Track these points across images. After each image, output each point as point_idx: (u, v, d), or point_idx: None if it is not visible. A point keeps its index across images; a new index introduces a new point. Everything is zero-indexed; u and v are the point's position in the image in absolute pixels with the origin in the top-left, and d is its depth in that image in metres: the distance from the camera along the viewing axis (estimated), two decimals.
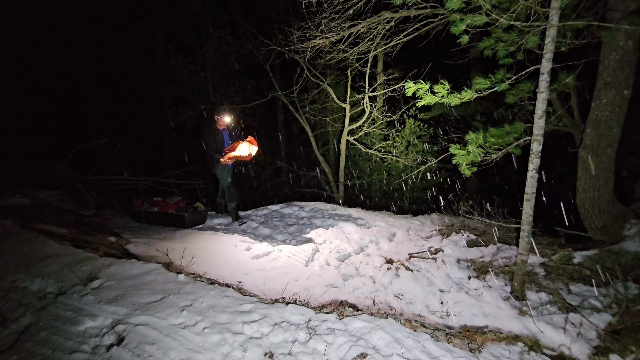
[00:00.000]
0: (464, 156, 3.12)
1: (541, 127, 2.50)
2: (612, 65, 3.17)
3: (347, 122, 6.79)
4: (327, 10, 3.95)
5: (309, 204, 5.76)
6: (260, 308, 2.23)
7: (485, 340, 2.17)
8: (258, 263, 3.56)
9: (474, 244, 3.70)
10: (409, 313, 2.74)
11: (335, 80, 7.69)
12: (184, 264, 3.21)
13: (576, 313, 2.50)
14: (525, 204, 2.61)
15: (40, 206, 4.29)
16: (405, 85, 2.97)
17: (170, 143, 10.56)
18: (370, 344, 1.93)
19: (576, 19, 2.65)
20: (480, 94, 2.86)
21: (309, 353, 1.87)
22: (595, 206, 3.48)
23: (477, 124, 6.87)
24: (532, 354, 2.06)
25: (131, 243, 3.81)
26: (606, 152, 3.35)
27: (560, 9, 2.36)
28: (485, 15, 2.68)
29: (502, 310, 2.64)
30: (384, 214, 5.24)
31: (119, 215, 5.46)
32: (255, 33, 7.21)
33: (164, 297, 2.32)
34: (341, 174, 7.19)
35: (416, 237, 4.25)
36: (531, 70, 2.60)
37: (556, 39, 2.40)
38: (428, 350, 1.92)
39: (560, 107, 3.73)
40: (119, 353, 1.85)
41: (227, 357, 1.85)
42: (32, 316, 2.13)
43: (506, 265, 3.17)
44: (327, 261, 3.65)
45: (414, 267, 3.32)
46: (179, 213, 4.75)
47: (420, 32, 4.00)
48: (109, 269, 2.71)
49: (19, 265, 2.69)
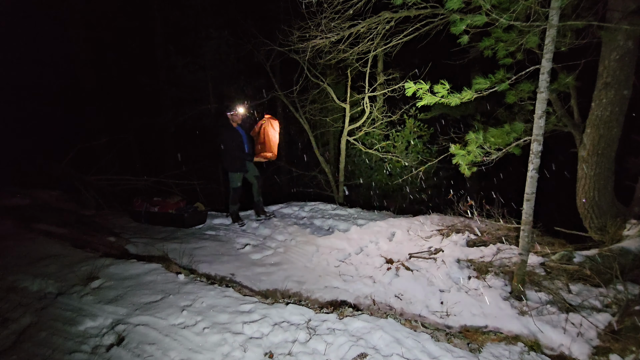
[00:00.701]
0: (464, 156, 3.13)
1: (541, 127, 2.50)
2: (612, 65, 3.17)
3: (347, 122, 6.78)
4: (327, 10, 3.95)
5: (309, 204, 5.76)
6: (260, 308, 2.23)
7: (485, 340, 2.17)
8: (258, 263, 3.56)
9: (474, 244, 3.70)
10: (409, 313, 2.74)
11: (335, 80, 7.68)
12: (183, 264, 3.21)
13: (576, 313, 2.50)
14: (525, 204, 2.61)
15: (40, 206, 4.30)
16: (405, 85, 2.97)
17: (170, 143, 10.56)
18: (370, 344, 1.93)
19: (576, 19, 2.65)
20: (480, 94, 2.86)
21: (309, 353, 1.87)
22: (595, 206, 3.48)
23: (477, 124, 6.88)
24: (532, 354, 2.06)
25: (131, 243, 3.81)
26: (606, 152, 3.34)
27: (560, 9, 2.36)
28: (485, 15, 2.68)
29: (502, 310, 2.64)
30: (384, 214, 5.24)
31: (119, 215, 5.46)
32: (255, 33, 7.21)
33: (164, 297, 2.32)
34: (341, 174, 7.19)
35: (416, 237, 4.25)
36: (531, 70, 2.60)
37: (556, 39, 2.40)
38: (428, 350, 1.92)
39: (560, 107, 3.73)
40: (119, 353, 1.85)
41: (227, 357, 1.85)
42: (32, 316, 2.13)
43: (506, 265, 3.17)
44: (327, 261, 3.65)
45: (414, 267, 3.32)
46: (179, 213, 4.75)
47: (420, 32, 4.00)
48: (109, 269, 2.71)
49: (19, 265, 2.69)
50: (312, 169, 8.52)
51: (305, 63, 6.36)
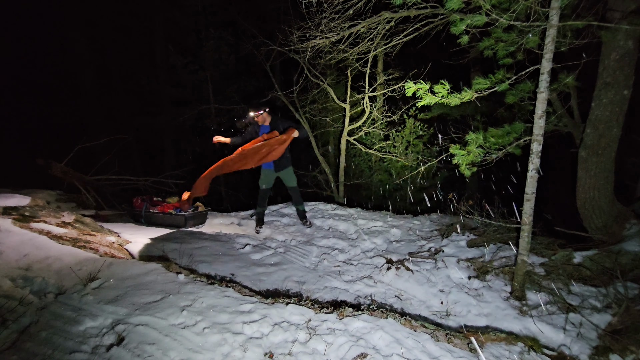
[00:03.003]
0: (464, 156, 3.12)
1: (541, 127, 2.50)
2: (612, 65, 3.17)
3: (347, 122, 6.78)
4: (327, 10, 3.95)
5: (309, 204, 5.75)
6: (260, 308, 2.23)
7: (485, 340, 2.17)
8: (258, 263, 3.56)
9: (474, 244, 3.70)
10: (409, 313, 2.74)
11: (335, 80, 7.68)
12: (183, 264, 3.21)
13: (576, 313, 2.50)
14: (525, 204, 2.61)
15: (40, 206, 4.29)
16: (405, 85, 2.97)
17: (170, 143, 10.56)
18: (370, 344, 1.93)
19: (576, 19, 2.65)
20: (480, 94, 2.86)
21: (309, 353, 1.87)
22: (595, 206, 3.48)
23: (477, 124, 6.88)
24: (532, 354, 2.06)
25: (131, 243, 3.81)
26: (606, 152, 3.34)
27: (560, 9, 2.36)
28: (485, 15, 2.68)
29: (502, 310, 2.65)
30: (384, 214, 5.24)
31: (118, 215, 5.46)
32: (255, 33, 7.21)
33: (164, 297, 2.32)
34: (341, 174, 7.19)
35: (416, 237, 4.25)
36: (531, 70, 2.60)
37: (556, 39, 2.40)
38: (428, 350, 1.92)
39: (560, 107, 3.72)
40: (119, 353, 1.85)
41: (227, 357, 1.85)
42: (32, 316, 2.13)
43: (506, 265, 3.17)
44: (327, 261, 3.66)
45: (414, 267, 3.32)
46: (179, 213, 4.75)
47: (420, 32, 4.00)
48: (109, 269, 2.71)
49: (19, 265, 2.69)
50: (312, 169, 8.51)
51: (305, 63, 6.36)
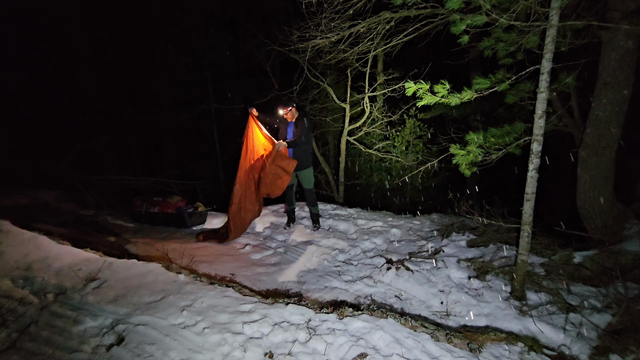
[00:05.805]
0: (464, 156, 3.12)
1: (541, 127, 2.50)
2: (612, 65, 3.17)
3: (347, 122, 6.78)
4: (327, 10, 3.94)
5: None
6: (260, 308, 2.23)
7: (485, 340, 2.17)
8: (258, 263, 3.56)
9: (474, 244, 3.70)
10: (409, 313, 2.74)
11: (335, 80, 7.68)
12: (184, 264, 3.21)
13: (576, 313, 2.50)
14: (525, 204, 2.61)
15: (40, 206, 4.30)
16: (406, 85, 2.97)
17: (170, 143, 10.56)
18: (370, 344, 1.93)
19: (576, 19, 2.65)
20: (480, 94, 2.85)
21: (309, 353, 1.87)
22: (595, 206, 3.48)
23: (477, 124, 6.87)
24: (532, 354, 2.06)
25: (131, 243, 3.82)
26: (606, 152, 3.34)
27: (560, 9, 2.36)
28: (485, 15, 2.68)
29: (502, 310, 2.65)
30: (384, 214, 5.23)
31: (119, 215, 5.46)
32: (255, 33, 7.21)
33: (164, 297, 2.32)
34: (341, 174, 7.18)
35: (416, 237, 4.25)
36: (531, 70, 2.60)
37: (556, 39, 2.40)
38: (428, 350, 1.92)
39: (560, 107, 3.73)
40: (119, 353, 1.85)
41: (227, 357, 1.85)
42: (32, 316, 2.13)
43: (506, 265, 3.17)
44: (327, 261, 3.66)
45: (414, 267, 3.32)
46: (179, 213, 4.75)
47: (420, 32, 4.00)
48: (109, 269, 2.71)
49: (19, 266, 2.69)
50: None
51: (305, 63, 6.35)
